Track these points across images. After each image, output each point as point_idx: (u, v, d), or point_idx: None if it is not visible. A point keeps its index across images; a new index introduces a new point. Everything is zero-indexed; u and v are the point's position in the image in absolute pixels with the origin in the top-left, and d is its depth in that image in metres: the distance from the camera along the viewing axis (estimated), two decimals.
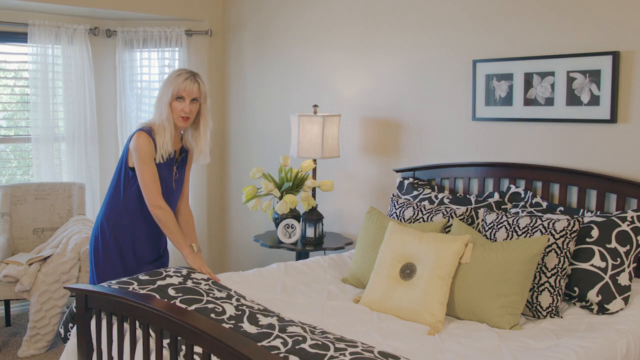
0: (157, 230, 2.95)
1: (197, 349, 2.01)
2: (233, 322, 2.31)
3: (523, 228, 2.75)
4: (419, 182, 3.62)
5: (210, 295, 2.51)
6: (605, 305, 2.61)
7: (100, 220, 2.96)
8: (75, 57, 4.55)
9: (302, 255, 3.90)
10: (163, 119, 2.82)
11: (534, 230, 2.71)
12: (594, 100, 3.02)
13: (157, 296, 2.41)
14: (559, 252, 2.64)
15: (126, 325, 2.32)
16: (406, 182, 3.61)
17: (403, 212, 3.24)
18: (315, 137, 3.83)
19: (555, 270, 2.63)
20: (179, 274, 2.66)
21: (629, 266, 2.66)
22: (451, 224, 3.03)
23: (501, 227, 2.82)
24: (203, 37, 4.91)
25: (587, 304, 2.67)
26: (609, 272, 2.63)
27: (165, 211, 2.83)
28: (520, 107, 3.29)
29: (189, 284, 2.58)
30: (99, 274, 2.94)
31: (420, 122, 3.77)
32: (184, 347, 2.03)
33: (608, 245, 2.67)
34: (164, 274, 2.64)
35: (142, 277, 2.59)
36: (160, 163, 2.85)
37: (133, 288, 2.46)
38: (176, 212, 3.08)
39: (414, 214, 3.19)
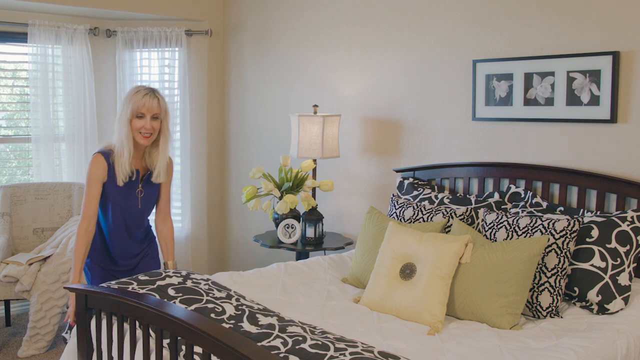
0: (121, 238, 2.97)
1: (197, 349, 2.01)
2: (233, 322, 2.31)
3: (523, 228, 2.75)
4: (419, 182, 3.62)
5: (210, 295, 2.51)
6: (605, 305, 2.61)
7: None
8: (75, 57, 4.55)
9: (302, 255, 3.90)
10: (123, 137, 2.78)
11: (534, 230, 2.71)
12: (594, 100, 3.02)
13: (157, 296, 2.42)
14: (559, 252, 2.64)
15: (126, 325, 2.32)
16: (406, 182, 3.61)
17: (403, 212, 3.24)
18: (315, 137, 3.83)
19: (555, 270, 2.63)
20: (178, 274, 2.66)
21: (629, 266, 2.66)
22: (451, 224, 3.03)
23: (501, 227, 2.82)
24: (203, 37, 4.91)
25: (587, 304, 2.67)
26: (609, 272, 2.63)
27: (85, 236, 2.78)
28: (520, 107, 3.29)
29: (189, 284, 2.58)
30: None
31: (420, 122, 3.77)
32: (184, 347, 2.03)
33: (608, 245, 2.67)
34: (164, 274, 2.65)
35: (141, 277, 2.59)
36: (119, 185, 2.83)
37: (133, 288, 2.46)
38: (155, 228, 3.11)
39: (414, 214, 3.19)
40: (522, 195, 3.17)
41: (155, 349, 2.13)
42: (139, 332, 2.25)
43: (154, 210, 3.12)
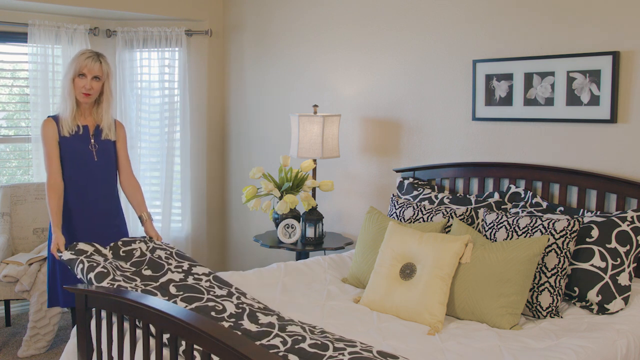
0: (88, 200, 3.12)
1: (197, 347, 2.01)
2: (233, 320, 2.31)
3: (523, 228, 2.75)
4: (419, 182, 3.62)
5: (211, 293, 2.52)
6: (605, 305, 2.61)
7: None
8: None
9: (302, 255, 3.90)
10: (66, 94, 3.07)
11: (534, 230, 2.71)
12: (594, 100, 3.02)
13: (159, 294, 2.43)
14: (559, 252, 2.64)
15: (126, 325, 2.32)
16: (406, 182, 3.61)
17: (403, 212, 3.24)
18: (315, 137, 3.83)
19: (555, 270, 2.63)
20: (179, 269, 2.68)
21: (629, 266, 2.66)
22: (451, 224, 3.03)
23: (501, 227, 2.82)
24: (203, 37, 4.91)
25: (587, 304, 2.67)
26: (609, 272, 2.63)
27: (52, 190, 3.03)
28: (520, 107, 3.29)
29: (190, 280, 2.59)
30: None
31: (420, 122, 3.77)
32: (183, 343, 2.03)
33: (608, 245, 2.67)
34: (166, 267, 2.67)
35: (144, 271, 2.62)
36: (72, 136, 3.07)
37: (136, 284, 2.47)
38: (121, 186, 3.27)
39: (414, 214, 3.19)
40: (522, 195, 3.17)
41: (155, 349, 2.13)
42: (139, 332, 2.25)
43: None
